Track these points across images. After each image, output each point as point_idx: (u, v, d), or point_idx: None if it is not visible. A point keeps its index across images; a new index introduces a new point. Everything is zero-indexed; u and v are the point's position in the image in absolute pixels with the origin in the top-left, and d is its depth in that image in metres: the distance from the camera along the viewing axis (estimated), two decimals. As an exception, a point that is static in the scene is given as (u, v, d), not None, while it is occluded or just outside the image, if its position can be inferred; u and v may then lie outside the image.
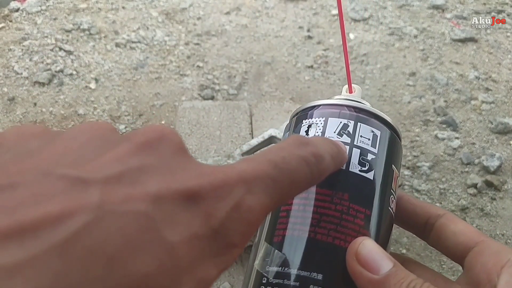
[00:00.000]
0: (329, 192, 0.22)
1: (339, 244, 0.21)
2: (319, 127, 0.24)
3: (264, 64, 1.46)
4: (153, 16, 1.61)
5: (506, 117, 1.30)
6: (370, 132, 0.24)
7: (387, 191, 0.24)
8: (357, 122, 0.24)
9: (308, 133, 0.24)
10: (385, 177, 0.24)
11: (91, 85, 1.34)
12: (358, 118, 0.24)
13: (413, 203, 0.26)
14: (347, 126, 0.24)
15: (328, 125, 0.24)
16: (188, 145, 1.02)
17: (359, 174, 0.23)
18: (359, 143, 0.23)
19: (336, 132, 0.24)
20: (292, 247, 0.21)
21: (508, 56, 1.53)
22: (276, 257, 0.21)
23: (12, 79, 1.35)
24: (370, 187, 0.23)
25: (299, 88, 1.38)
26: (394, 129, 0.26)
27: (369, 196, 0.23)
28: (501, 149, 1.21)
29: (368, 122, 0.24)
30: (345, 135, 0.24)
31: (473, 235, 0.23)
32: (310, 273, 0.20)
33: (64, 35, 1.50)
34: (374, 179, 0.23)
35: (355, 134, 0.24)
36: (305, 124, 0.25)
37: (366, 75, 1.44)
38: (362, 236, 0.21)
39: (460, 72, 1.45)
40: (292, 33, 1.59)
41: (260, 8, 1.68)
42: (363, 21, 1.65)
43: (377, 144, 0.24)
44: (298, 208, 0.22)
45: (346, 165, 0.23)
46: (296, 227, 0.22)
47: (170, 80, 1.38)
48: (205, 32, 1.57)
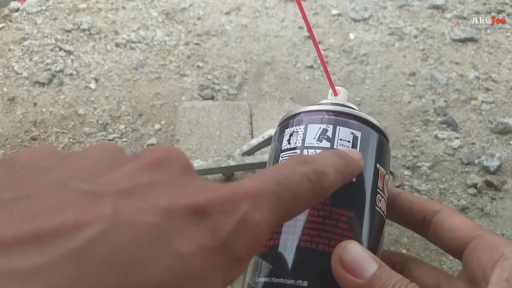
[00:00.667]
0: None
1: (323, 249, 0.21)
2: (300, 135, 0.24)
3: (264, 64, 1.46)
4: (153, 16, 1.61)
5: (506, 117, 1.30)
6: (350, 134, 0.24)
7: (372, 190, 0.23)
8: (336, 126, 0.24)
9: (290, 142, 0.25)
10: (368, 177, 0.24)
11: (91, 85, 1.34)
12: (337, 121, 0.25)
13: (410, 200, 0.26)
14: (326, 131, 0.24)
15: (308, 132, 0.24)
16: (188, 145, 1.02)
17: None
18: (339, 146, 0.24)
19: (315, 138, 0.24)
20: (278, 256, 0.22)
21: (508, 56, 1.53)
22: (264, 268, 0.21)
23: (12, 79, 1.35)
24: (353, 189, 0.23)
25: (299, 88, 1.38)
26: (377, 129, 0.26)
27: (352, 198, 0.23)
28: (501, 149, 1.21)
29: (347, 125, 0.25)
30: (325, 140, 0.24)
31: (469, 230, 0.23)
32: (296, 280, 0.21)
33: (64, 35, 1.50)
34: (356, 181, 0.23)
35: (334, 138, 0.24)
36: (287, 133, 0.25)
37: (366, 75, 1.44)
38: (347, 239, 0.21)
39: (460, 72, 1.45)
40: (292, 33, 1.59)
41: (260, 8, 1.68)
42: (363, 21, 1.65)
43: (358, 146, 0.24)
44: None
45: None
46: (282, 237, 0.22)
47: (170, 80, 1.38)
48: (205, 32, 1.57)
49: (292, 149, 0.24)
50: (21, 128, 1.21)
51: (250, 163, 0.89)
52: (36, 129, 1.21)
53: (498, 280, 0.20)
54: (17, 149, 1.17)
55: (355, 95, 1.37)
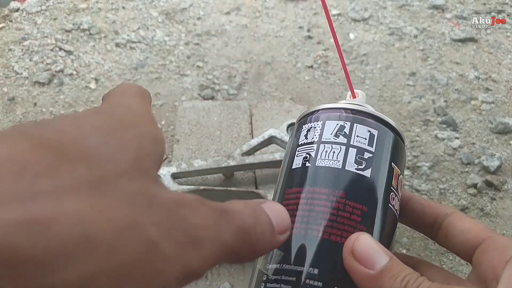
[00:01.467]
0: (326, 190, 0.23)
1: (335, 240, 0.22)
2: (317, 131, 0.25)
3: (264, 64, 1.46)
4: (153, 16, 1.61)
5: (506, 117, 1.30)
6: (367, 132, 0.25)
7: (386, 188, 0.24)
8: (353, 123, 0.25)
9: (307, 137, 0.25)
10: (382, 174, 0.24)
11: (91, 85, 1.34)
12: (355, 119, 0.25)
13: (421, 203, 0.26)
14: (343, 128, 0.25)
15: (325, 128, 0.25)
16: (188, 144, 1.02)
17: (355, 172, 0.23)
18: (356, 142, 0.24)
19: (332, 134, 0.25)
20: (290, 244, 0.22)
21: (508, 56, 1.53)
22: (276, 255, 0.22)
23: (12, 79, 1.35)
24: (367, 184, 0.23)
25: (299, 88, 1.38)
26: (394, 130, 0.26)
27: (366, 193, 0.23)
28: (501, 149, 1.21)
29: (365, 123, 0.25)
30: (341, 136, 0.24)
31: (480, 232, 0.23)
32: (307, 268, 0.21)
33: (64, 35, 1.50)
34: (371, 177, 0.23)
35: (351, 134, 0.24)
36: (305, 129, 0.26)
37: (366, 75, 1.44)
38: (359, 231, 0.22)
39: (460, 72, 1.45)
40: (292, 33, 1.59)
41: (260, 8, 1.69)
42: (363, 21, 1.65)
43: (374, 143, 0.24)
44: (297, 208, 0.23)
45: (343, 164, 0.23)
46: (295, 226, 0.22)
47: (170, 80, 1.38)
48: (205, 32, 1.57)
49: (309, 143, 0.25)
50: (21, 128, 1.21)
51: (250, 163, 0.89)
52: (36, 129, 1.21)
53: (508, 278, 0.20)
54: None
55: (355, 95, 1.37)
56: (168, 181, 0.85)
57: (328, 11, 0.27)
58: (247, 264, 0.90)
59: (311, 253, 0.21)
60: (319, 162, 0.24)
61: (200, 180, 0.92)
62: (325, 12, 0.26)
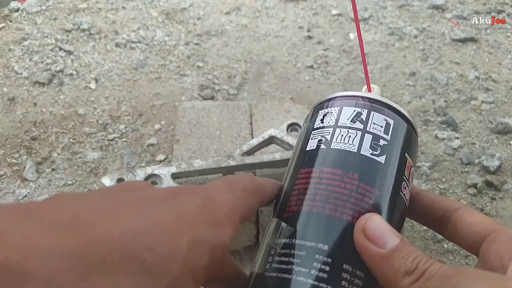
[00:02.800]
0: (340, 172, 0.23)
1: (347, 219, 0.22)
2: (334, 115, 0.26)
3: (264, 64, 1.46)
4: (153, 16, 1.61)
5: (506, 117, 1.30)
6: (383, 120, 0.25)
7: (398, 176, 0.24)
8: (370, 111, 0.26)
9: (323, 121, 0.26)
10: (396, 162, 0.25)
11: (91, 85, 1.34)
12: (372, 107, 0.26)
13: (430, 198, 0.26)
14: (361, 114, 0.25)
15: (342, 113, 0.26)
16: (188, 144, 1.02)
17: (370, 157, 0.24)
18: (372, 129, 0.25)
19: (349, 119, 0.25)
20: (300, 221, 0.23)
21: (508, 56, 1.53)
22: (285, 230, 0.22)
23: (12, 79, 1.35)
24: (381, 169, 0.24)
25: (299, 88, 1.38)
26: (409, 122, 0.27)
27: (379, 178, 0.24)
28: (501, 149, 1.21)
29: (382, 112, 0.26)
30: (358, 122, 0.25)
31: (488, 225, 0.23)
32: (316, 243, 0.21)
33: (64, 35, 1.50)
34: (385, 163, 0.24)
35: (368, 121, 0.25)
36: (321, 114, 0.26)
37: (366, 75, 1.44)
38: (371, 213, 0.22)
39: (460, 72, 1.46)
40: (292, 33, 1.59)
41: (260, 8, 1.69)
42: (363, 21, 1.65)
43: (389, 132, 0.25)
44: (309, 186, 0.23)
45: (358, 148, 0.24)
46: (306, 203, 0.23)
47: (170, 80, 1.38)
48: (205, 32, 1.57)
49: (324, 127, 0.26)
50: (21, 128, 1.21)
51: (250, 163, 0.89)
52: (36, 129, 1.21)
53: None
54: (17, 149, 1.17)
55: (355, 95, 1.37)
56: (168, 181, 0.85)
57: (356, 10, 0.28)
58: (248, 261, 0.90)
59: (321, 230, 0.22)
60: (334, 145, 0.24)
61: (200, 180, 0.92)
62: (353, 10, 0.27)
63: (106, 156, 1.15)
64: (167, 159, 1.13)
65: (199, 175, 0.91)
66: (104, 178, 0.89)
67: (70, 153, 1.16)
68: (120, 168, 1.12)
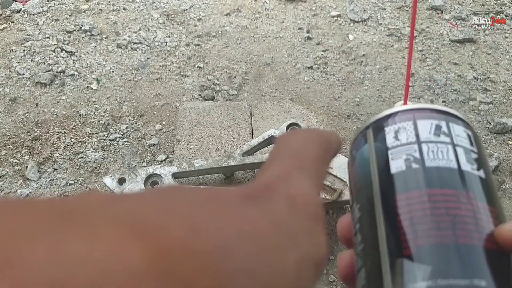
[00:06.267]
0: (452, 192, 0.21)
1: (488, 246, 0.20)
2: (410, 131, 0.23)
3: (264, 65, 1.47)
4: (154, 18, 1.62)
5: (504, 117, 1.31)
6: (464, 131, 0.23)
7: (496, 190, 0.23)
8: (448, 122, 0.24)
9: (398, 139, 0.23)
10: (491, 175, 0.23)
11: (92, 86, 1.35)
12: (447, 118, 0.24)
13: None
14: (440, 127, 0.23)
15: (419, 127, 0.23)
16: (189, 145, 1.03)
17: (472, 172, 0.22)
18: (459, 142, 0.23)
19: (431, 132, 0.23)
20: (434, 255, 0.19)
21: (507, 57, 1.54)
22: (419, 271, 0.19)
23: (14, 79, 1.36)
24: (486, 185, 0.22)
25: (299, 88, 1.39)
26: (472, 129, 0.25)
27: (489, 194, 0.21)
28: (499, 149, 1.22)
29: (458, 122, 0.24)
30: (442, 135, 0.23)
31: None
32: (471, 280, 0.19)
33: (65, 36, 1.51)
34: (486, 177, 0.22)
35: (451, 134, 0.23)
36: (389, 131, 0.24)
37: (365, 76, 1.45)
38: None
39: (459, 73, 1.46)
40: (292, 34, 1.60)
41: (260, 10, 1.70)
42: (362, 22, 1.66)
43: (474, 143, 0.23)
44: (423, 213, 0.20)
45: (457, 163, 0.22)
46: (430, 233, 0.20)
47: (171, 81, 1.39)
48: (205, 33, 1.58)
49: (404, 144, 0.23)
50: (23, 128, 1.22)
51: (250, 163, 0.90)
52: (38, 129, 1.22)
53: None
54: (19, 149, 1.18)
55: (354, 95, 1.38)
56: (169, 180, 0.86)
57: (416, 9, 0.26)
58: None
59: (468, 263, 0.19)
60: (429, 163, 0.22)
61: (200, 180, 0.93)
62: (413, 8, 0.24)
63: (107, 156, 1.16)
64: (168, 159, 1.14)
65: (200, 175, 0.92)
66: (105, 177, 0.90)
67: (72, 153, 1.17)
68: (122, 168, 1.13)
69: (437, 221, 0.20)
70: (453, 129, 0.23)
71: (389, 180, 0.22)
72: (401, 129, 0.23)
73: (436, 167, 0.22)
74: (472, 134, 0.24)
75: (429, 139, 0.23)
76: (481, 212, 0.20)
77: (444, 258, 0.19)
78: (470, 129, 0.24)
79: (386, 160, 0.23)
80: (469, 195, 0.21)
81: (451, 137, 0.23)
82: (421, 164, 0.22)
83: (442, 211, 0.20)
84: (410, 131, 0.23)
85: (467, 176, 0.22)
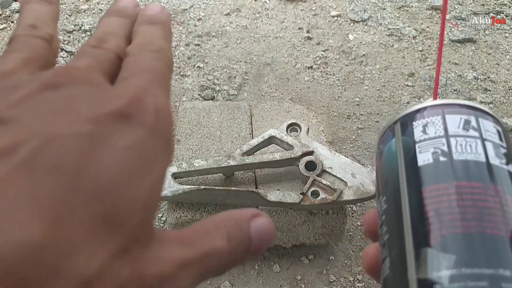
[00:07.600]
0: (479, 184, 0.21)
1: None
2: (438, 125, 0.24)
3: (264, 64, 1.47)
4: (154, 17, 1.62)
5: (504, 117, 1.31)
6: (493, 127, 0.24)
7: None
8: (477, 118, 0.24)
9: (426, 133, 0.24)
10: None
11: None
12: (476, 114, 0.24)
13: None
14: (470, 121, 0.23)
15: (447, 121, 0.24)
16: (189, 145, 1.03)
17: (501, 166, 0.22)
18: (488, 136, 0.23)
19: (460, 127, 0.23)
20: (460, 245, 0.20)
21: (507, 57, 1.54)
22: (443, 260, 0.19)
23: (14, 79, 1.36)
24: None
25: (299, 88, 1.40)
26: (504, 127, 0.25)
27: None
28: (499, 149, 1.22)
29: (488, 118, 0.24)
30: (471, 130, 0.23)
31: None
32: (496, 269, 0.19)
33: (65, 36, 1.51)
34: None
35: (480, 129, 0.23)
36: (418, 125, 0.24)
37: (365, 76, 1.45)
38: None
39: (459, 73, 1.46)
40: (292, 34, 1.60)
41: (260, 9, 1.70)
42: (362, 22, 1.66)
43: (503, 139, 0.23)
44: (450, 205, 0.21)
45: (485, 157, 0.22)
46: (456, 224, 0.20)
47: (171, 81, 1.39)
48: (205, 33, 1.58)
49: (432, 138, 0.23)
50: (23, 128, 1.22)
51: (250, 163, 0.90)
52: (38, 130, 1.22)
53: None
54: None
55: (354, 95, 1.38)
56: (169, 180, 0.86)
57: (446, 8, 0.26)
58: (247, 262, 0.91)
59: (494, 253, 0.19)
60: (457, 156, 0.22)
61: (200, 180, 0.93)
62: (443, 8, 0.24)
63: (107, 156, 1.17)
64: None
65: (200, 175, 0.92)
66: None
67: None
68: (121, 168, 1.13)
69: (463, 212, 0.20)
70: (483, 124, 0.23)
71: (416, 173, 0.23)
72: (430, 123, 0.24)
73: (464, 160, 0.22)
74: (501, 129, 0.24)
75: (457, 133, 0.23)
76: (509, 205, 0.20)
77: (469, 247, 0.19)
78: (500, 124, 0.24)
79: (413, 153, 0.23)
80: (497, 188, 0.21)
81: (480, 131, 0.23)
82: (449, 157, 0.22)
83: (469, 203, 0.20)
84: (439, 125, 0.23)
85: (496, 169, 0.22)
